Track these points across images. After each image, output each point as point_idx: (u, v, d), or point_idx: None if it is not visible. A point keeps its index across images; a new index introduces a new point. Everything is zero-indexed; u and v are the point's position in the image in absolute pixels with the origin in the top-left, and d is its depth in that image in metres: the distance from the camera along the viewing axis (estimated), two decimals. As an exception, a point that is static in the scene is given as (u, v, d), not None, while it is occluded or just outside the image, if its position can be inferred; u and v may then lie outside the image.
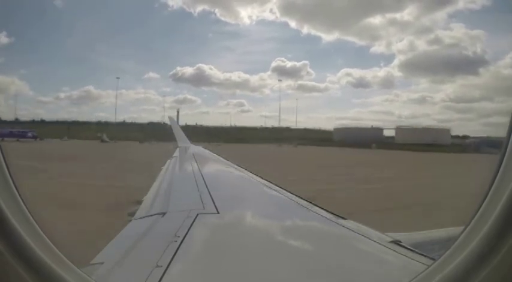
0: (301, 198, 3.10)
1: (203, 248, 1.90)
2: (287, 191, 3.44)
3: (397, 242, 1.93)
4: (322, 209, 2.69)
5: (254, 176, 4.54)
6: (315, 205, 2.82)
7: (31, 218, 1.00)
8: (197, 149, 10.42)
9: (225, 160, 6.97)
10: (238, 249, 1.88)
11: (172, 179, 4.81)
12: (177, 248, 1.72)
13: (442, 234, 2.34)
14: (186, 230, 2.02)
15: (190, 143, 11.85)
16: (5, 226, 0.89)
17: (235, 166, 5.71)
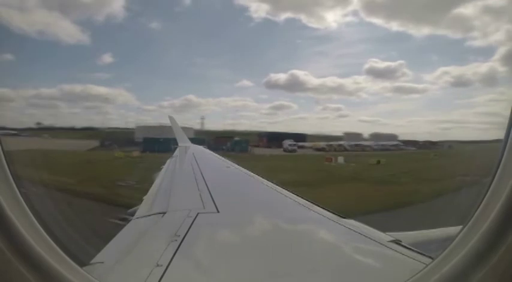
0: (302, 197, 3.10)
1: (203, 248, 1.90)
2: (287, 190, 3.44)
3: (397, 242, 1.93)
4: (323, 208, 2.70)
5: (254, 176, 4.54)
6: (316, 205, 2.82)
7: (32, 216, 1.01)
8: (197, 148, 10.42)
9: (225, 160, 6.96)
10: (238, 248, 1.88)
11: (172, 178, 4.81)
12: (177, 248, 1.72)
13: (442, 233, 2.34)
14: (187, 230, 2.02)
15: (190, 142, 11.85)
16: (6, 225, 0.90)
17: (236, 166, 5.71)
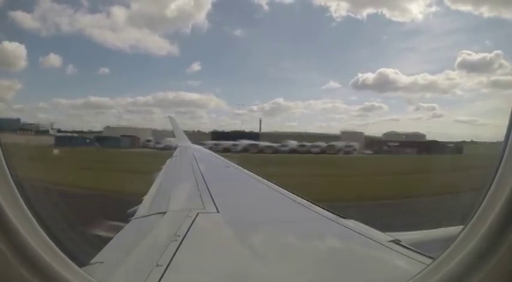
0: (302, 197, 3.09)
1: (203, 248, 1.90)
2: (287, 190, 3.44)
3: (397, 242, 1.93)
4: (323, 208, 2.69)
5: (254, 176, 4.54)
6: (316, 205, 2.82)
7: (32, 218, 1.01)
8: (197, 148, 10.41)
9: (225, 160, 6.95)
10: (238, 248, 1.88)
11: (172, 178, 4.81)
12: (177, 248, 1.72)
13: (442, 233, 2.34)
14: (186, 230, 2.02)
15: (190, 142, 11.84)
16: (6, 226, 0.90)
17: (235, 166, 5.70)
